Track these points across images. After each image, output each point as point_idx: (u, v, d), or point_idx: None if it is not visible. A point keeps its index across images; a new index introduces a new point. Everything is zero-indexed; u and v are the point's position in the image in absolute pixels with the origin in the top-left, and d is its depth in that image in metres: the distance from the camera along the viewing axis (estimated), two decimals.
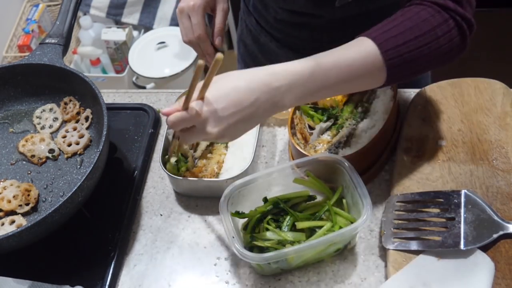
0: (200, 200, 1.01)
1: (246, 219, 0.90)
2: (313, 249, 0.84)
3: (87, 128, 1.09)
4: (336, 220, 0.86)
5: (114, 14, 2.51)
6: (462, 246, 0.81)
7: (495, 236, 0.81)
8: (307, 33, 1.10)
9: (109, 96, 1.24)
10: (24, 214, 0.98)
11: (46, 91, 1.13)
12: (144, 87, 2.29)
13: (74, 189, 0.88)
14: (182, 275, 0.93)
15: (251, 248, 0.86)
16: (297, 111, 1.01)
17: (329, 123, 0.99)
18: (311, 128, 1.01)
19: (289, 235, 0.85)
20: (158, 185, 1.06)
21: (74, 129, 1.08)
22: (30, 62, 1.09)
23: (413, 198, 0.89)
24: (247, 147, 1.01)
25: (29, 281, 0.88)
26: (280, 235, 0.85)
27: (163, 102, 1.20)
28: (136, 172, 1.06)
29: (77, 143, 1.06)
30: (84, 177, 0.89)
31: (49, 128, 1.11)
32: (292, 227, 0.87)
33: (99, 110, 1.02)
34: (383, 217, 0.89)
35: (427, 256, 0.83)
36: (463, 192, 0.86)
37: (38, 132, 1.11)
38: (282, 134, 1.09)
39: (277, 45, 1.18)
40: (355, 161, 0.88)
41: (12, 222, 0.96)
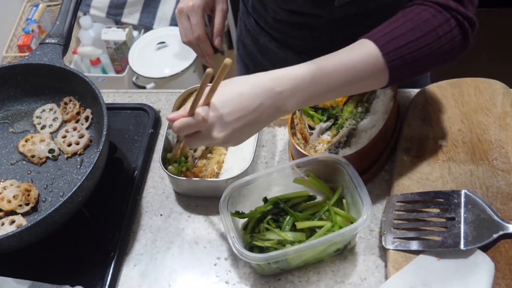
0: (200, 200, 1.01)
1: (246, 219, 0.90)
2: (313, 249, 0.84)
3: (87, 128, 1.09)
4: (336, 220, 0.86)
5: (114, 14, 2.51)
6: (462, 246, 0.81)
7: (495, 236, 0.81)
8: (307, 33, 1.10)
9: (109, 96, 1.24)
10: (24, 214, 0.98)
11: (46, 91, 1.13)
12: (144, 87, 2.29)
13: (74, 189, 0.88)
14: (182, 275, 0.93)
15: (251, 248, 0.86)
16: (297, 111, 1.01)
17: (329, 123, 0.99)
18: (311, 128, 1.01)
19: (289, 235, 0.85)
20: (158, 185, 1.06)
21: (74, 129, 1.08)
22: (30, 62, 1.09)
23: (413, 198, 0.89)
24: (247, 147, 1.01)
25: (29, 281, 0.88)
26: (280, 235, 0.85)
27: (163, 102, 1.20)
28: (136, 172, 1.06)
29: (77, 143, 1.06)
30: (84, 177, 0.89)
31: (49, 128, 1.11)
32: (292, 227, 0.87)
33: (99, 110, 1.02)
34: (383, 217, 0.89)
35: (427, 256, 0.83)
36: (463, 192, 0.86)
37: (38, 132, 1.11)
38: (282, 134, 1.09)
39: (276, 45, 1.18)
40: (355, 161, 0.88)
41: (12, 222, 0.96)
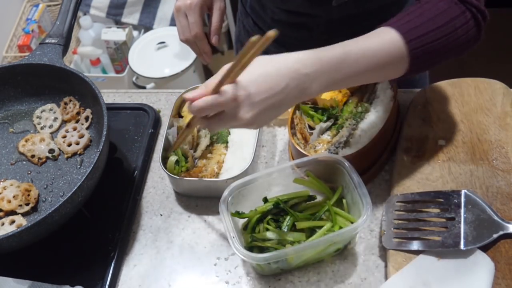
0: (200, 200, 1.01)
1: (246, 219, 0.90)
2: (313, 249, 0.84)
3: (87, 128, 1.09)
4: (336, 220, 0.86)
5: (114, 14, 2.51)
6: (462, 246, 0.81)
7: (495, 236, 0.81)
8: (305, 34, 1.10)
9: (109, 96, 1.24)
10: (24, 214, 0.98)
11: (46, 91, 1.13)
12: (144, 87, 2.29)
13: (74, 189, 0.88)
14: (182, 275, 0.93)
15: (251, 248, 0.86)
16: (297, 111, 1.01)
17: (329, 123, 0.99)
18: (311, 128, 1.01)
19: (289, 235, 0.85)
20: (158, 185, 1.06)
21: (74, 129, 1.08)
22: (30, 62, 1.09)
23: (413, 198, 0.89)
24: (247, 147, 1.01)
25: (29, 281, 0.88)
26: (280, 235, 0.85)
27: (163, 102, 1.20)
28: (136, 172, 1.06)
29: (77, 143, 1.06)
30: (84, 177, 0.89)
31: (49, 128, 1.11)
32: (292, 227, 0.87)
33: (99, 110, 1.02)
34: (383, 217, 0.89)
35: (427, 256, 0.83)
36: (463, 192, 0.85)
37: (38, 132, 1.11)
38: (282, 134, 1.09)
39: (274, 46, 1.18)
40: (355, 161, 0.88)
41: (12, 222, 0.96)
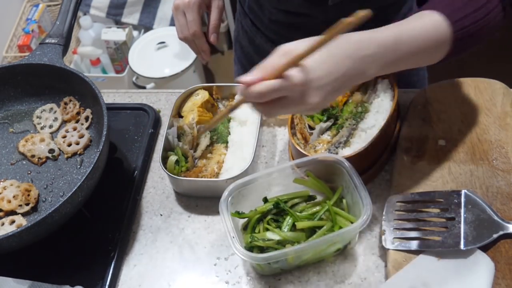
0: (200, 200, 1.01)
1: (246, 219, 0.90)
2: (313, 249, 0.84)
3: (87, 128, 1.09)
4: (336, 220, 0.86)
5: (114, 14, 2.51)
6: (462, 246, 0.81)
7: (495, 236, 0.81)
8: (303, 35, 1.10)
9: (109, 96, 1.24)
10: (24, 214, 0.98)
11: (46, 91, 1.13)
12: (144, 87, 2.29)
13: (74, 189, 0.88)
14: (182, 275, 0.93)
15: (251, 248, 0.86)
16: None
17: (329, 123, 0.99)
18: (311, 128, 1.01)
19: (289, 235, 0.85)
20: (158, 185, 1.06)
21: (74, 129, 1.08)
22: (30, 62, 1.09)
23: (413, 198, 0.89)
24: (247, 147, 1.01)
25: (29, 281, 0.88)
26: (280, 235, 0.85)
27: (163, 102, 1.20)
28: (136, 172, 1.06)
29: (77, 143, 1.06)
30: (84, 177, 0.89)
31: (49, 128, 1.11)
32: (292, 227, 0.87)
33: (99, 110, 1.02)
34: (383, 217, 0.89)
35: (427, 256, 0.83)
36: (463, 192, 0.85)
37: (38, 132, 1.11)
38: (282, 134, 1.09)
39: (272, 46, 1.17)
40: (355, 161, 0.88)
41: (12, 222, 0.96)
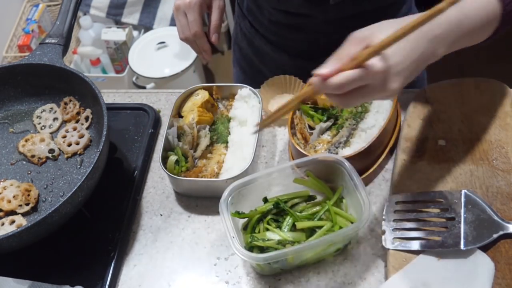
0: (200, 200, 1.01)
1: (246, 219, 0.90)
2: (313, 249, 0.84)
3: (87, 128, 1.09)
4: (336, 220, 0.86)
5: (114, 14, 2.51)
6: (462, 246, 0.81)
7: (495, 236, 0.81)
8: (302, 36, 1.10)
9: (109, 96, 1.24)
10: (24, 214, 0.98)
11: (46, 91, 1.13)
12: (144, 87, 2.29)
13: (74, 189, 0.88)
14: (182, 275, 0.93)
15: (251, 248, 0.86)
16: (297, 111, 1.01)
17: (329, 123, 0.99)
18: (311, 128, 1.01)
19: (289, 235, 0.85)
20: (158, 185, 1.06)
21: (74, 129, 1.08)
22: (30, 62, 1.09)
23: (413, 198, 0.89)
24: (247, 147, 1.01)
25: (29, 281, 0.88)
26: (280, 235, 0.85)
27: (163, 102, 1.20)
28: (136, 172, 1.06)
29: (77, 143, 1.06)
30: (84, 177, 0.89)
31: (49, 128, 1.11)
32: (292, 227, 0.87)
33: (99, 110, 1.01)
34: (383, 217, 0.89)
35: (427, 256, 0.83)
36: (463, 192, 0.86)
37: (38, 132, 1.11)
38: (282, 134, 1.09)
39: (271, 48, 1.18)
40: (355, 161, 0.88)
41: (12, 222, 0.96)
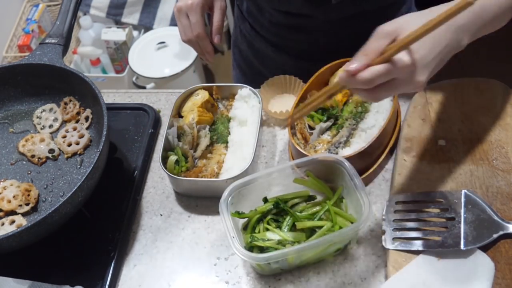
0: (200, 200, 1.01)
1: (246, 219, 0.90)
2: (313, 249, 0.84)
3: (87, 128, 1.09)
4: (336, 220, 0.86)
5: (114, 14, 2.51)
6: (462, 246, 0.81)
7: (495, 236, 0.81)
8: (303, 36, 1.10)
9: (109, 96, 1.24)
10: (24, 214, 0.98)
11: (46, 91, 1.13)
12: (144, 87, 2.29)
13: (74, 189, 0.88)
14: (182, 275, 0.93)
15: (251, 248, 0.86)
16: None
17: (329, 123, 0.99)
18: (311, 128, 1.01)
19: (289, 235, 0.85)
20: (158, 185, 1.06)
21: (74, 129, 1.08)
22: (30, 62, 1.09)
23: (413, 198, 0.89)
24: (247, 147, 1.01)
25: (29, 281, 0.88)
26: (280, 235, 0.85)
27: (163, 102, 1.20)
28: (136, 172, 1.06)
29: (77, 143, 1.06)
30: (84, 177, 0.89)
31: (49, 128, 1.11)
32: (292, 227, 0.87)
33: (99, 110, 1.02)
34: (383, 217, 0.89)
35: (427, 256, 0.83)
36: (463, 192, 0.86)
37: (38, 132, 1.11)
38: (282, 134, 1.09)
39: (272, 50, 1.18)
40: (355, 161, 0.88)
41: (12, 222, 0.96)
